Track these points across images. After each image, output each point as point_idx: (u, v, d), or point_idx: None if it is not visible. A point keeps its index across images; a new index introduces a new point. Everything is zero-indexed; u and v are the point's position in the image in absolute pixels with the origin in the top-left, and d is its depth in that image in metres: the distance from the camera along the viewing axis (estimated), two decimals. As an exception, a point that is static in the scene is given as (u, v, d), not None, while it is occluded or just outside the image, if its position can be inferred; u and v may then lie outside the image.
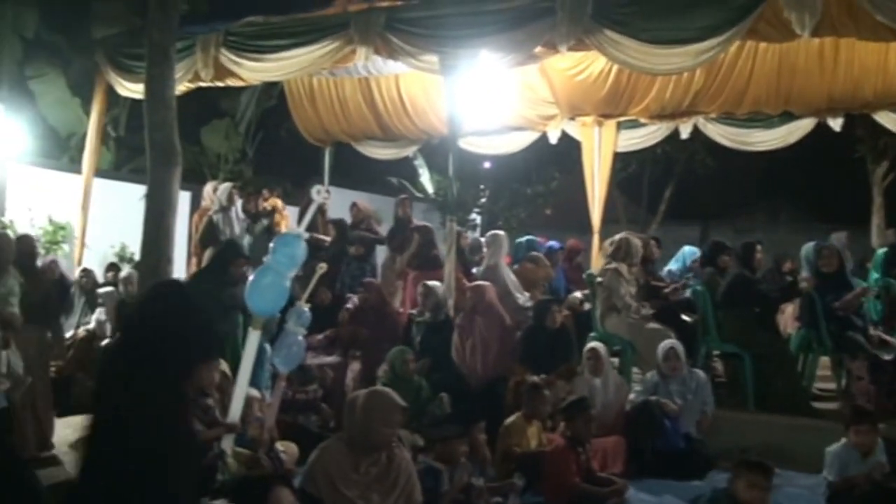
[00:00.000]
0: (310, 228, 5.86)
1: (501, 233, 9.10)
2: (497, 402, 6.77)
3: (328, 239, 10.18)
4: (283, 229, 9.99)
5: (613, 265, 7.82)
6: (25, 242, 6.95)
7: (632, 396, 6.88)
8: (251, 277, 4.91)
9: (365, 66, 9.81)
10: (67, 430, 7.39)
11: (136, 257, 10.47)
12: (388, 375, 6.90)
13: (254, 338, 4.80)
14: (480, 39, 7.94)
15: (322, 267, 5.61)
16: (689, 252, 9.78)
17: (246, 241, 9.83)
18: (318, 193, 5.22)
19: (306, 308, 5.54)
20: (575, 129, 11.33)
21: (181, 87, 8.40)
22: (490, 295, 7.59)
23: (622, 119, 10.91)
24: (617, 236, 8.14)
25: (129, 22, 12.51)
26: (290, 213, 11.41)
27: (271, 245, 4.92)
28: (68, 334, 8.83)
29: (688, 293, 8.26)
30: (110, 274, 10.03)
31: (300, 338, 5.56)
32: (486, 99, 9.71)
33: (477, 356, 7.37)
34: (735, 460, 4.59)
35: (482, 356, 7.36)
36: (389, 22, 8.22)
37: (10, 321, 5.50)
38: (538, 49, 8.04)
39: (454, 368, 7.39)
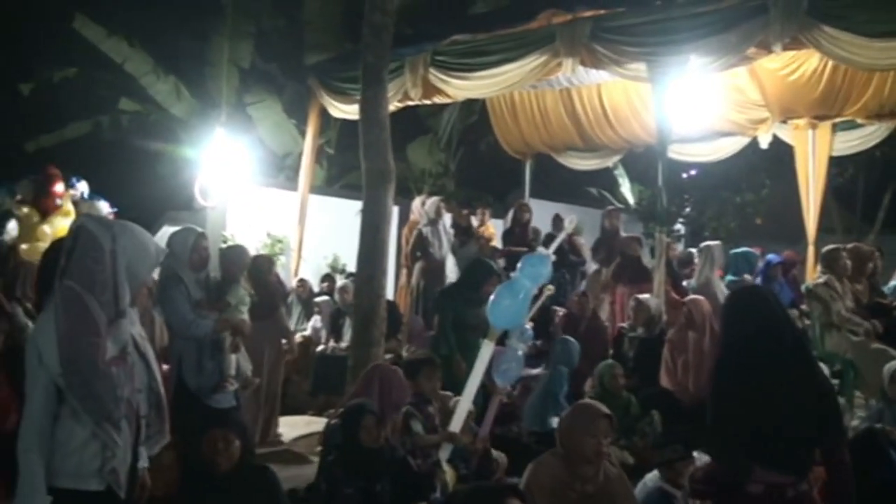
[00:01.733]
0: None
1: (715, 244, 8.78)
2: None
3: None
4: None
5: (824, 278, 7.39)
6: (264, 260, 7.76)
7: (854, 423, 6.44)
8: (494, 294, 5.00)
9: (566, 76, 9.79)
10: (285, 428, 7.83)
11: (349, 268, 10.99)
12: (596, 390, 6.81)
13: (487, 349, 4.89)
14: (690, 44, 7.69)
15: (550, 289, 5.68)
16: None
17: (450, 258, 10.06)
18: (570, 223, 5.40)
19: (529, 326, 5.59)
20: (787, 133, 10.84)
21: (391, 107, 8.68)
22: (704, 310, 7.34)
23: (838, 120, 10.30)
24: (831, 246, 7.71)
25: (339, 48, 13.15)
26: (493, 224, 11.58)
27: (519, 264, 5.02)
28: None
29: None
30: (325, 284, 10.55)
31: (520, 353, 5.60)
32: (693, 105, 9.43)
33: (689, 374, 7.14)
34: None
35: (695, 374, 7.10)
36: (595, 32, 8.13)
37: (239, 328, 5.82)
38: (750, 50, 7.73)
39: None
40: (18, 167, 11.41)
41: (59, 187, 10.40)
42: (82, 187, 9.81)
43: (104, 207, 9.94)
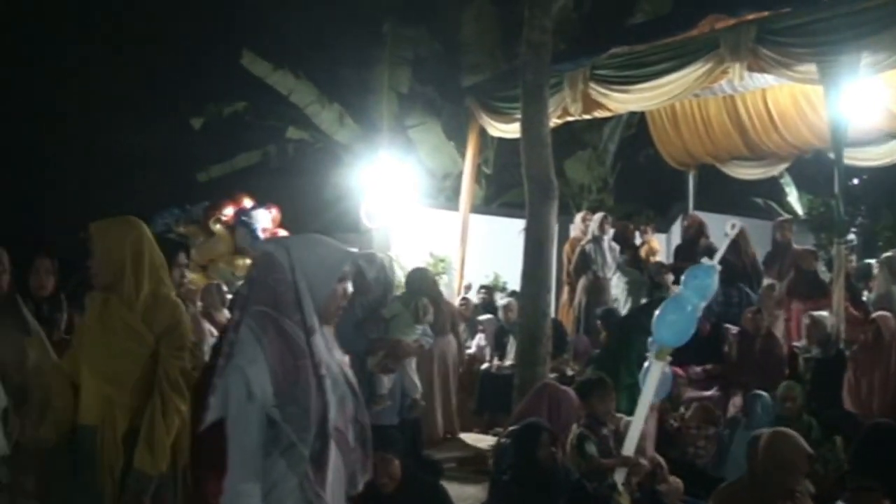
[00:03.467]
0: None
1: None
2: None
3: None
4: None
5: None
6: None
7: None
8: (660, 309, 4.88)
9: (729, 83, 9.48)
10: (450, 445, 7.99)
11: (509, 286, 11.00)
12: (780, 411, 6.51)
13: (657, 369, 4.75)
14: (862, 41, 7.25)
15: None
16: None
17: (616, 275, 9.90)
18: (731, 228, 5.24)
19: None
20: (967, 130, 10.11)
21: (550, 123, 8.66)
22: (892, 326, 6.89)
23: None
24: None
25: (495, 68, 13.31)
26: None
27: (683, 277, 4.88)
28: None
29: None
30: (483, 292, 10.61)
31: (667, 368, 5.41)
32: (864, 106, 8.91)
33: (874, 396, 6.72)
34: None
35: (880, 396, 6.68)
36: (761, 34, 7.81)
37: (392, 349, 5.86)
38: (925, 42, 7.24)
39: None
40: (191, 196, 12.19)
41: (226, 211, 10.96)
42: (257, 219, 10.28)
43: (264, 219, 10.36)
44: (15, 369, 3.72)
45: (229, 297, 7.49)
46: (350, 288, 2.88)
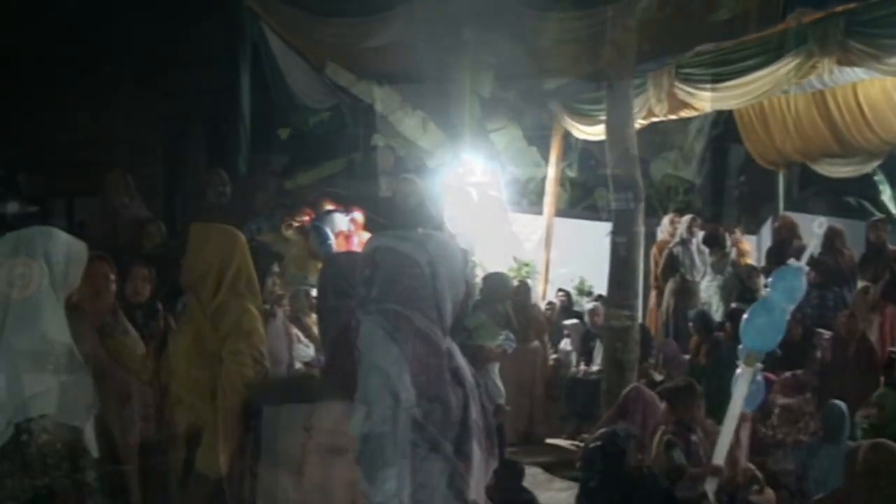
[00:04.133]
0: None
1: None
2: None
3: None
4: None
5: None
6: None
7: None
8: (748, 313, 4.78)
9: (819, 77, 9.22)
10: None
11: (595, 291, 10.91)
12: (872, 420, 6.28)
13: (747, 375, 4.66)
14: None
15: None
16: None
17: (706, 278, 9.72)
18: (819, 226, 5.11)
19: None
20: None
21: (635, 124, 8.57)
22: None
23: None
24: None
25: (578, 71, 13.19)
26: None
27: (769, 279, 4.78)
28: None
29: None
30: (561, 293, 10.64)
31: (759, 377, 5.28)
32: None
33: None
34: None
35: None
36: (850, 27, 7.54)
37: (475, 354, 5.82)
38: None
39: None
40: (278, 204, 12.45)
41: (302, 216, 11.14)
42: (333, 223, 10.41)
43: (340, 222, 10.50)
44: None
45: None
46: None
